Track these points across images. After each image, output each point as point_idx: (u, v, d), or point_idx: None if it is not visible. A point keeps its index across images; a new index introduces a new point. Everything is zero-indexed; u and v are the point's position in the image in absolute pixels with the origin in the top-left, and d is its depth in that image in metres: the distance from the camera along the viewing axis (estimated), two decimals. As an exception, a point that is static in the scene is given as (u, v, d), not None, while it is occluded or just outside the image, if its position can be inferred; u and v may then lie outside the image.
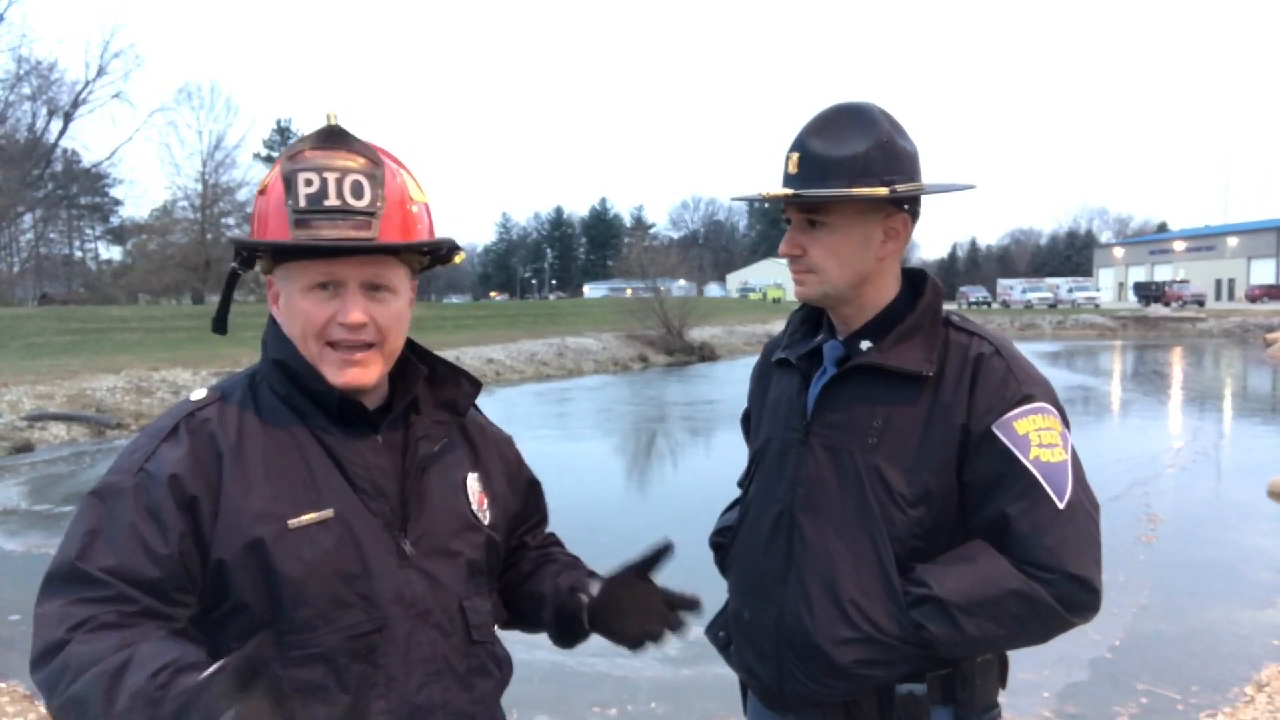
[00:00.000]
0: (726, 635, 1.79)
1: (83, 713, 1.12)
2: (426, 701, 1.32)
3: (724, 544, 1.84)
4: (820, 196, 1.56)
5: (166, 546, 1.22)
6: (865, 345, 1.63)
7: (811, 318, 1.79)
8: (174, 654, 1.14)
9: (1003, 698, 1.66)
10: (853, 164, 1.55)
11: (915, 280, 1.70)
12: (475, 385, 1.51)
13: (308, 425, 1.32)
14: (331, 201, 1.26)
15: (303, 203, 1.26)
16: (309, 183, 1.26)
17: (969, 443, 1.53)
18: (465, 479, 1.46)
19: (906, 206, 1.62)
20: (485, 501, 1.48)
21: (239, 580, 1.24)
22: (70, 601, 1.20)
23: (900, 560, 1.54)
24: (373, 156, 1.31)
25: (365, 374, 1.32)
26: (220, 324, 1.46)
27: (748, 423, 1.94)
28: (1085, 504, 1.52)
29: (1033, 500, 1.49)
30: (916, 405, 1.57)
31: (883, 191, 1.55)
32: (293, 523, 1.26)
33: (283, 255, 1.30)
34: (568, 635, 1.56)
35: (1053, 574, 1.46)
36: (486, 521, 1.47)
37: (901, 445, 1.56)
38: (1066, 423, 1.58)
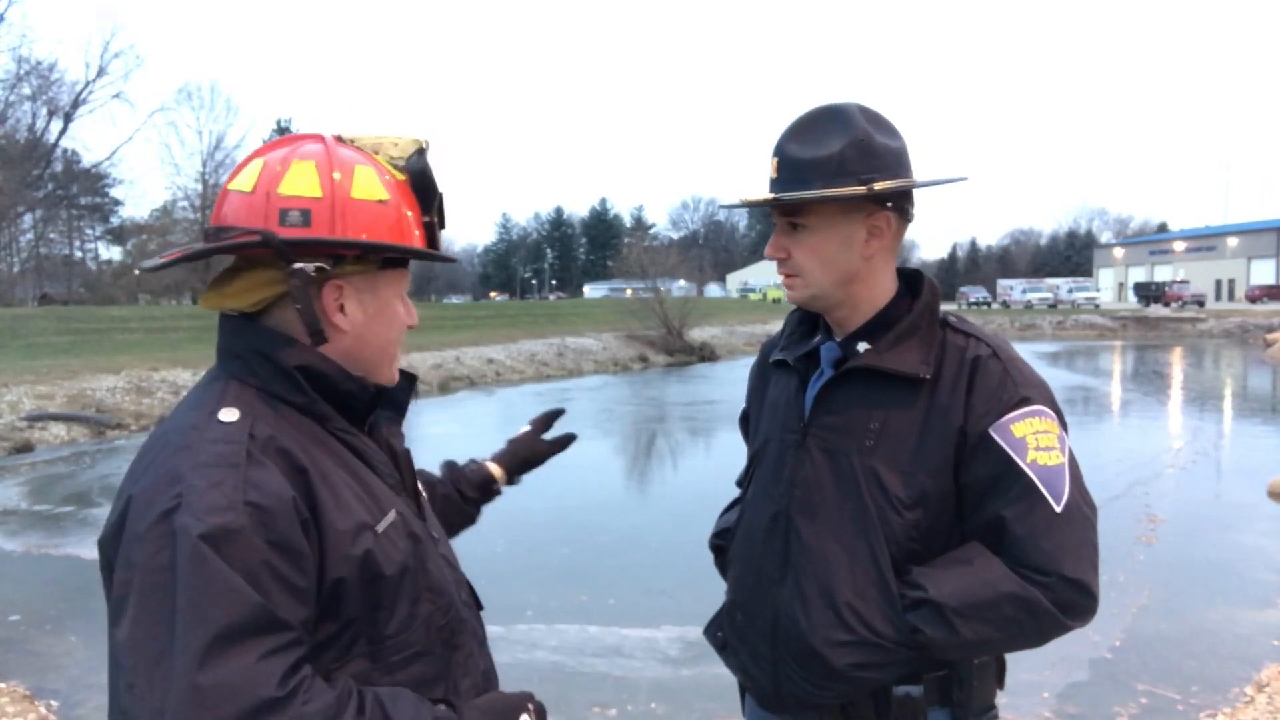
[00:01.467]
0: (724, 636, 1.79)
1: None
2: (487, 669, 1.43)
3: (723, 545, 1.85)
4: (794, 199, 1.56)
5: (305, 579, 1.16)
6: (862, 347, 1.63)
7: (809, 318, 1.79)
8: (412, 695, 1.22)
9: (1002, 698, 1.66)
10: (827, 164, 1.55)
11: (912, 281, 1.69)
12: (411, 380, 1.52)
13: (328, 430, 1.31)
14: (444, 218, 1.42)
15: (438, 218, 1.39)
16: (439, 200, 1.39)
17: (966, 445, 1.53)
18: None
19: (890, 204, 1.60)
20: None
21: (353, 596, 1.22)
22: (262, 655, 1.08)
23: (896, 563, 1.54)
24: None
25: None
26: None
27: (747, 423, 1.94)
28: (1083, 507, 1.52)
29: (1029, 503, 1.48)
30: (913, 407, 1.56)
31: (859, 190, 1.54)
32: (379, 528, 1.27)
33: (397, 261, 1.36)
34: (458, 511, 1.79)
35: (1049, 577, 1.46)
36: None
37: (898, 447, 1.56)
38: (1064, 425, 1.58)
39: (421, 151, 1.38)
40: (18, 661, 5.24)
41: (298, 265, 1.25)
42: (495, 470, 1.85)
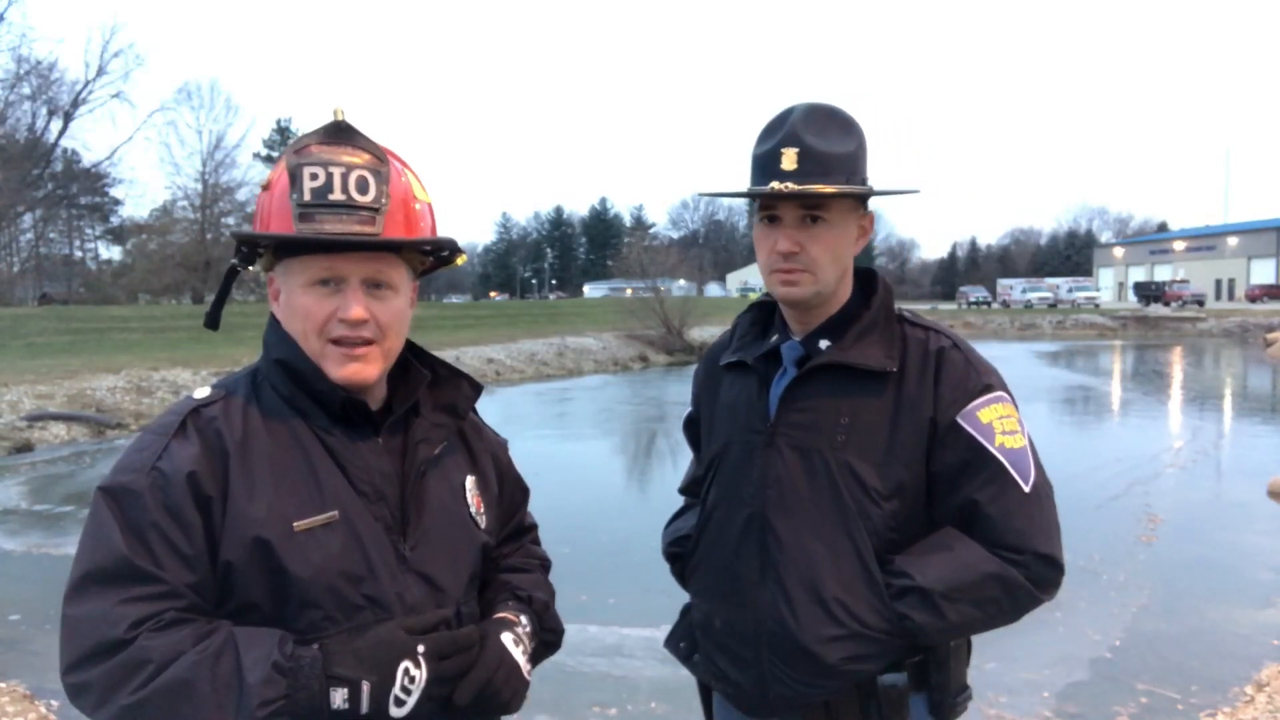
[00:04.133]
0: (690, 645, 1.79)
1: (181, 698, 1.13)
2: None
3: (683, 553, 1.83)
4: (839, 191, 1.57)
5: (192, 547, 1.22)
6: (825, 344, 1.65)
7: (761, 319, 1.80)
8: (277, 632, 1.20)
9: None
10: (848, 161, 1.59)
11: (864, 279, 1.73)
12: (476, 388, 1.50)
13: (310, 425, 1.32)
14: (336, 196, 1.26)
15: (307, 196, 1.25)
16: (314, 177, 1.25)
17: (936, 434, 1.57)
18: (464, 482, 1.46)
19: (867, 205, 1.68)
20: (483, 505, 1.48)
21: (245, 581, 1.24)
22: (121, 600, 1.17)
23: (876, 553, 1.57)
24: (378, 153, 1.31)
25: (366, 370, 1.32)
26: (214, 319, 1.45)
27: (693, 427, 1.93)
28: (1045, 486, 1.59)
29: (1000, 486, 1.54)
30: (881, 400, 1.60)
31: (872, 188, 1.61)
32: (298, 525, 1.25)
33: (285, 250, 1.30)
34: None
35: (1023, 555, 1.52)
36: (483, 525, 1.47)
37: (870, 440, 1.58)
38: (1017, 408, 1.63)
39: (326, 126, 1.30)
40: (18, 661, 5.24)
41: (232, 260, 1.35)
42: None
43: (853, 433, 1.59)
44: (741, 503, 1.67)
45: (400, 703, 1.21)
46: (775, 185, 1.57)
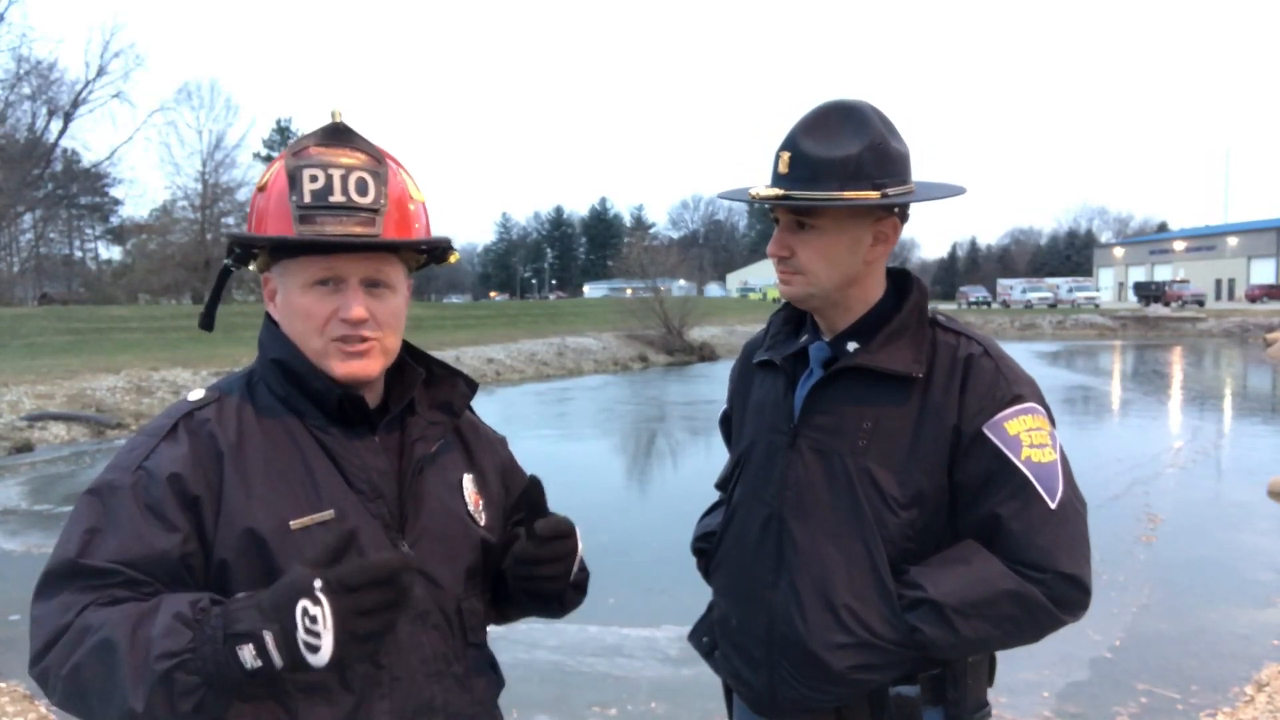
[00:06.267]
0: (711, 641, 1.78)
1: (104, 657, 1.13)
2: (429, 702, 1.33)
3: (708, 549, 1.82)
4: (811, 201, 1.53)
5: (168, 543, 1.22)
6: (852, 346, 1.62)
7: (793, 318, 1.78)
8: (202, 595, 1.19)
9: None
10: (844, 166, 1.52)
11: (900, 280, 1.69)
12: (471, 386, 1.50)
13: (306, 425, 1.32)
14: (336, 198, 1.26)
15: (308, 199, 1.26)
16: (314, 179, 1.26)
17: (960, 443, 1.53)
18: (461, 480, 1.46)
19: (896, 210, 1.60)
20: (481, 503, 1.48)
21: (242, 581, 1.24)
22: (74, 592, 1.19)
23: (892, 562, 1.54)
24: (376, 154, 1.32)
25: (368, 366, 1.32)
26: (208, 320, 1.45)
27: (728, 424, 1.92)
28: (1075, 503, 1.53)
29: (1025, 500, 1.49)
30: (906, 406, 1.56)
31: (874, 196, 1.53)
32: (294, 524, 1.25)
33: (283, 251, 1.30)
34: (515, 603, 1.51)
35: (1045, 573, 1.47)
36: (482, 523, 1.47)
37: (892, 447, 1.55)
38: (1053, 421, 1.58)
39: (324, 128, 1.31)
40: (18, 661, 5.22)
41: (225, 260, 1.35)
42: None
43: (875, 438, 1.56)
44: (762, 503, 1.66)
45: (313, 648, 1.11)
46: (756, 191, 1.58)
